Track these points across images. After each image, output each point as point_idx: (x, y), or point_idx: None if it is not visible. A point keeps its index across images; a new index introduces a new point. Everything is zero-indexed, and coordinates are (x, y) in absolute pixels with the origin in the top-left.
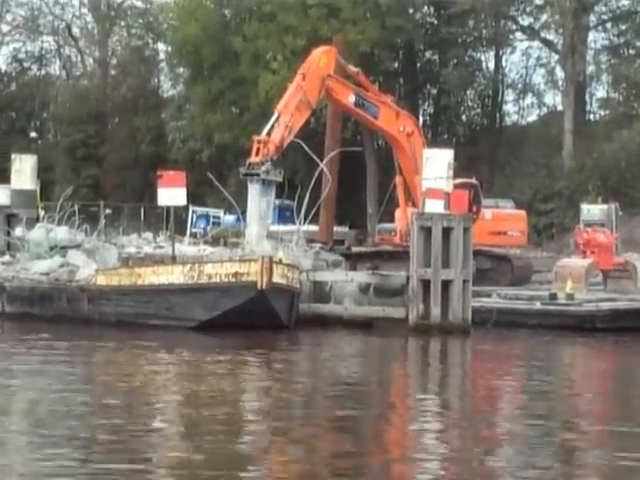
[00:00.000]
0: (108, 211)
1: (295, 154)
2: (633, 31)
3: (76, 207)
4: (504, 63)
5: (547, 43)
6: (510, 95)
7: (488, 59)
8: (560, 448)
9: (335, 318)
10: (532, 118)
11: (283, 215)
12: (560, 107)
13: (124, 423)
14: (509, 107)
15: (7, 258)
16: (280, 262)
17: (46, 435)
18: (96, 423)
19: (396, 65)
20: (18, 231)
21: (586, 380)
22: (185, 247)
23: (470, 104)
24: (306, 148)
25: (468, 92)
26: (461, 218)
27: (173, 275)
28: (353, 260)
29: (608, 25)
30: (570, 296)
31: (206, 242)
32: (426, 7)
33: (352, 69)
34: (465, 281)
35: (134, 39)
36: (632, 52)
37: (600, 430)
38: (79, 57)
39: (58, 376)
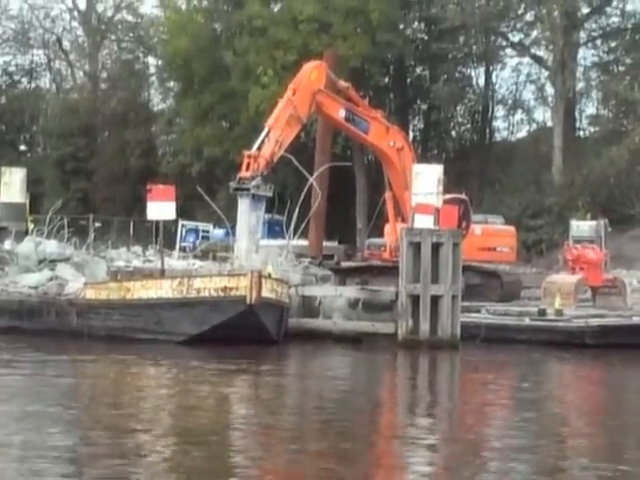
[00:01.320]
0: (97, 224)
1: (285, 168)
2: (623, 48)
3: (65, 220)
4: (494, 79)
5: (537, 59)
6: (500, 111)
7: (478, 75)
8: None
9: (324, 333)
10: (522, 134)
11: (272, 229)
12: (550, 123)
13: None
14: (499, 123)
15: None
16: (269, 276)
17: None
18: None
19: (386, 80)
20: (7, 244)
21: (576, 403)
22: (174, 261)
23: (460, 120)
24: (296, 163)
25: (458, 108)
26: (450, 234)
27: (162, 289)
28: (342, 275)
29: (598, 42)
30: (559, 312)
31: (195, 256)
32: (416, 23)
33: (342, 84)
34: (454, 296)
35: (124, 53)
36: (622, 69)
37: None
38: (69, 70)
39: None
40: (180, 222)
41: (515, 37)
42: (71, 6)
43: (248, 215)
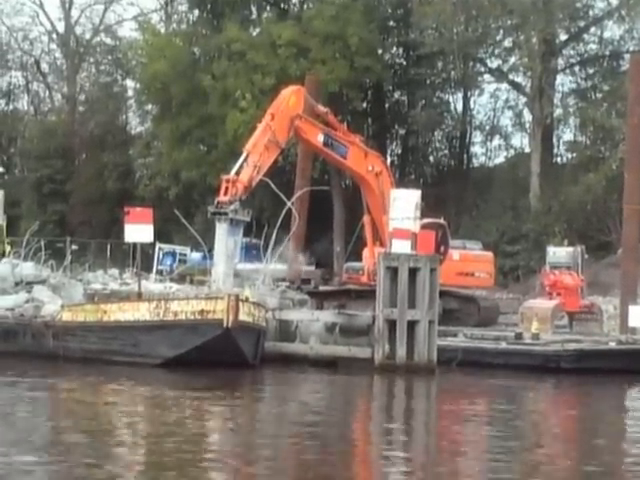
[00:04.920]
0: (74, 247)
1: (262, 192)
2: (600, 75)
3: (42, 243)
4: (472, 105)
5: (515, 85)
6: (478, 137)
7: (456, 100)
8: None
9: (300, 357)
10: (499, 160)
11: (250, 253)
12: (527, 149)
13: None
14: (476, 149)
15: None
16: (246, 300)
17: None
18: None
19: (365, 105)
20: None
21: (551, 430)
22: (151, 284)
23: (438, 145)
24: (273, 187)
25: (436, 133)
26: (427, 259)
27: (139, 312)
28: (320, 299)
29: (576, 69)
30: (535, 336)
31: (172, 279)
32: (395, 48)
33: (321, 109)
34: (431, 321)
35: (103, 75)
36: (599, 95)
37: None
38: (47, 93)
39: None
40: (157, 245)
41: (493, 63)
42: (50, 28)
43: (226, 239)
